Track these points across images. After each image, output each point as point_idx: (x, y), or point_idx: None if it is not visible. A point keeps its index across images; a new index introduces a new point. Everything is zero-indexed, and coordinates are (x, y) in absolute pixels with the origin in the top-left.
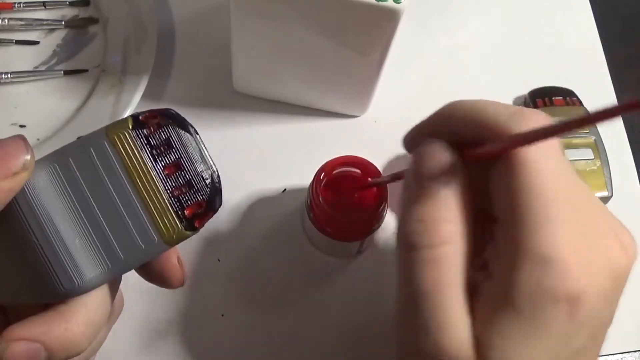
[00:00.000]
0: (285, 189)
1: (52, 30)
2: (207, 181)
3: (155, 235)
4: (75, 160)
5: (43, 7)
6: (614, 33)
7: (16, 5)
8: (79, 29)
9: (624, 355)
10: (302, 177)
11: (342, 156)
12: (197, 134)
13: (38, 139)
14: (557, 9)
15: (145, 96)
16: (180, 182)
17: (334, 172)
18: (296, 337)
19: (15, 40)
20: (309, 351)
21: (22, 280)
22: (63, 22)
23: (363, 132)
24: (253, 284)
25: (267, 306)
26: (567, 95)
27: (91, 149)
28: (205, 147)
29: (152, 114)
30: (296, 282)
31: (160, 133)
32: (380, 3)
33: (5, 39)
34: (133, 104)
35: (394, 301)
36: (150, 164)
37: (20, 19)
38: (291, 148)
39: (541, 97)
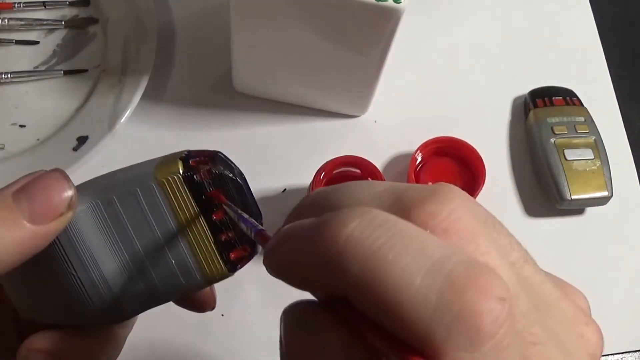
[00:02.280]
0: (285, 189)
1: (52, 30)
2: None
3: (198, 274)
4: (119, 199)
5: (43, 7)
6: (614, 33)
7: (16, 5)
8: (79, 29)
9: (624, 355)
10: (302, 177)
11: (342, 156)
12: (244, 177)
13: (38, 139)
14: (557, 9)
15: (145, 96)
16: (227, 227)
17: (334, 172)
18: None
19: (15, 40)
20: None
21: (62, 306)
22: (63, 22)
23: (363, 132)
24: (253, 284)
25: (267, 306)
26: (567, 95)
27: (137, 190)
28: (251, 191)
29: (203, 159)
30: None
31: (210, 179)
32: (380, 3)
33: (5, 39)
34: (133, 104)
35: None
36: (198, 209)
37: (20, 19)
38: (291, 148)
39: (541, 97)
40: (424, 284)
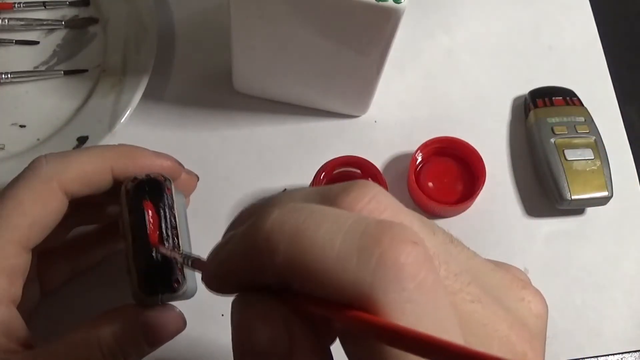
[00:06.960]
0: (285, 189)
1: (52, 30)
2: None
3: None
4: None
5: (43, 7)
6: (614, 33)
7: (16, 5)
8: (79, 29)
9: (624, 355)
10: (302, 177)
11: (342, 156)
12: None
13: (38, 139)
14: (557, 9)
15: (145, 96)
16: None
17: (334, 172)
18: None
19: (15, 40)
20: None
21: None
22: (63, 22)
23: (363, 132)
24: None
25: None
26: (567, 95)
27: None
28: None
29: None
30: None
31: None
32: (380, 3)
33: (5, 39)
34: (133, 104)
35: None
36: None
37: (20, 19)
38: (291, 148)
39: (541, 97)
40: (344, 244)
